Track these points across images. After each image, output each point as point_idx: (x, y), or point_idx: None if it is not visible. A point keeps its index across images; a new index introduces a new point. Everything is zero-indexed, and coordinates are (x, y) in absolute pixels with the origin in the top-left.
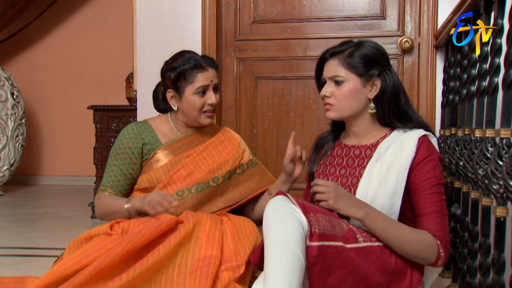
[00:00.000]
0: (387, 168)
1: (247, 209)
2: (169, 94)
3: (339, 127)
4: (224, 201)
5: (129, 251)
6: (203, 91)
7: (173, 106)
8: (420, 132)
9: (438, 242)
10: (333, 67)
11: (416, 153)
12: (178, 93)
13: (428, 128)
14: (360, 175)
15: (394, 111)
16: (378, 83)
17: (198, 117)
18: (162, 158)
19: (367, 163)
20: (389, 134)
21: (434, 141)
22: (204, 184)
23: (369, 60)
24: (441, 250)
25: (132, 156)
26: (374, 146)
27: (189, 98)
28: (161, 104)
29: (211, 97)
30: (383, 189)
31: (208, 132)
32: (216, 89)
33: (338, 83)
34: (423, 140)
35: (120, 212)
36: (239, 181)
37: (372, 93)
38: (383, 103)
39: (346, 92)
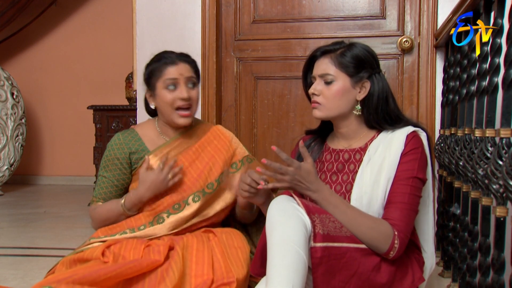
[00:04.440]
0: (378, 168)
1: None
2: (147, 93)
3: (323, 132)
4: (222, 202)
5: (120, 275)
6: (173, 85)
7: (151, 105)
8: (409, 129)
9: (396, 232)
10: (324, 65)
11: (405, 147)
12: (152, 90)
13: (417, 125)
14: (353, 180)
15: (382, 114)
16: (367, 86)
17: (171, 115)
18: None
19: (358, 168)
20: (377, 135)
21: (423, 136)
22: (199, 193)
23: (360, 61)
24: (396, 241)
25: (121, 167)
26: (363, 150)
27: (160, 93)
28: (149, 107)
29: (182, 92)
30: (377, 190)
31: (198, 132)
32: (192, 84)
33: (328, 81)
34: (413, 136)
35: (118, 213)
36: (234, 180)
37: (361, 95)
38: (370, 106)
39: (335, 91)
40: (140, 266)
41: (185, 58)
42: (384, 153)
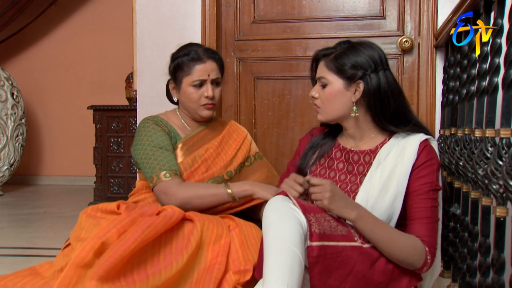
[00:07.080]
0: (388, 174)
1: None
2: (171, 85)
3: (334, 128)
4: None
5: (141, 243)
6: (200, 84)
7: (173, 97)
8: (421, 136)
9: (427, 248)
10: (320, 69)
11: (417, 157)
12: (177, 84)
13: (427, 130)
14: (361, 182)
15: (383, 114)
16: (361, 86)
17: (197, 109)
18: (180, 154)
19: (367, 171)
20: (388, 139)
21: (434, 145)
22: (219, 178)
23: (352, 62)
24: (428, 257)
25: (170, 141)
26: (373, 152)
27: (185, 89)
28: (170, 95)
29: (208, 90)
30: (384, 196)
31: (218, 126)
32: (216, 83)
33: (323, 85)
34: (425, 145)
35: (222, 200)
36: (248, 174)
37: (356, 96)
38: (368, 106)
39: (328, 94)
40: (160, 226)
41: (212, 55)
42: (396, 159)
